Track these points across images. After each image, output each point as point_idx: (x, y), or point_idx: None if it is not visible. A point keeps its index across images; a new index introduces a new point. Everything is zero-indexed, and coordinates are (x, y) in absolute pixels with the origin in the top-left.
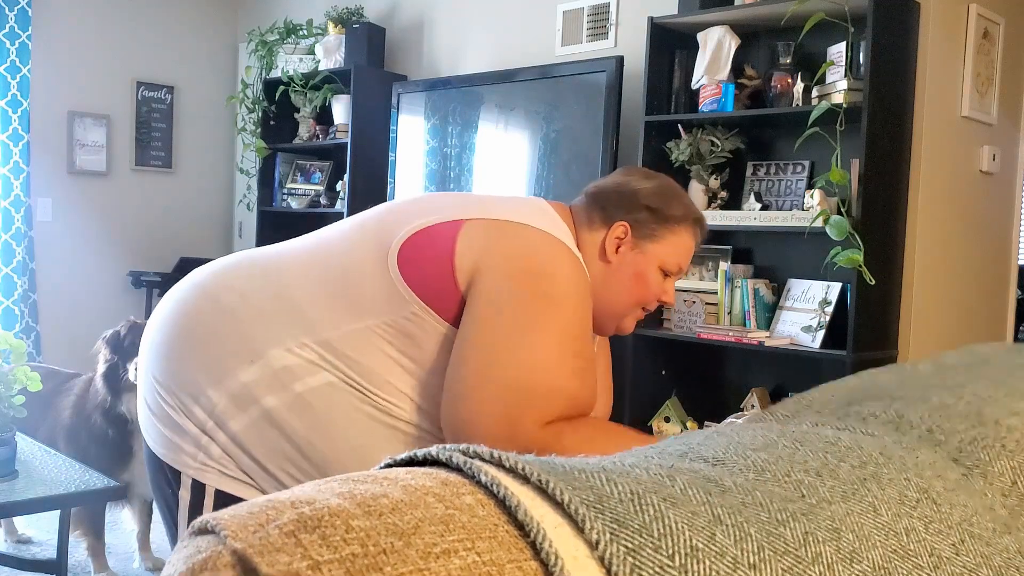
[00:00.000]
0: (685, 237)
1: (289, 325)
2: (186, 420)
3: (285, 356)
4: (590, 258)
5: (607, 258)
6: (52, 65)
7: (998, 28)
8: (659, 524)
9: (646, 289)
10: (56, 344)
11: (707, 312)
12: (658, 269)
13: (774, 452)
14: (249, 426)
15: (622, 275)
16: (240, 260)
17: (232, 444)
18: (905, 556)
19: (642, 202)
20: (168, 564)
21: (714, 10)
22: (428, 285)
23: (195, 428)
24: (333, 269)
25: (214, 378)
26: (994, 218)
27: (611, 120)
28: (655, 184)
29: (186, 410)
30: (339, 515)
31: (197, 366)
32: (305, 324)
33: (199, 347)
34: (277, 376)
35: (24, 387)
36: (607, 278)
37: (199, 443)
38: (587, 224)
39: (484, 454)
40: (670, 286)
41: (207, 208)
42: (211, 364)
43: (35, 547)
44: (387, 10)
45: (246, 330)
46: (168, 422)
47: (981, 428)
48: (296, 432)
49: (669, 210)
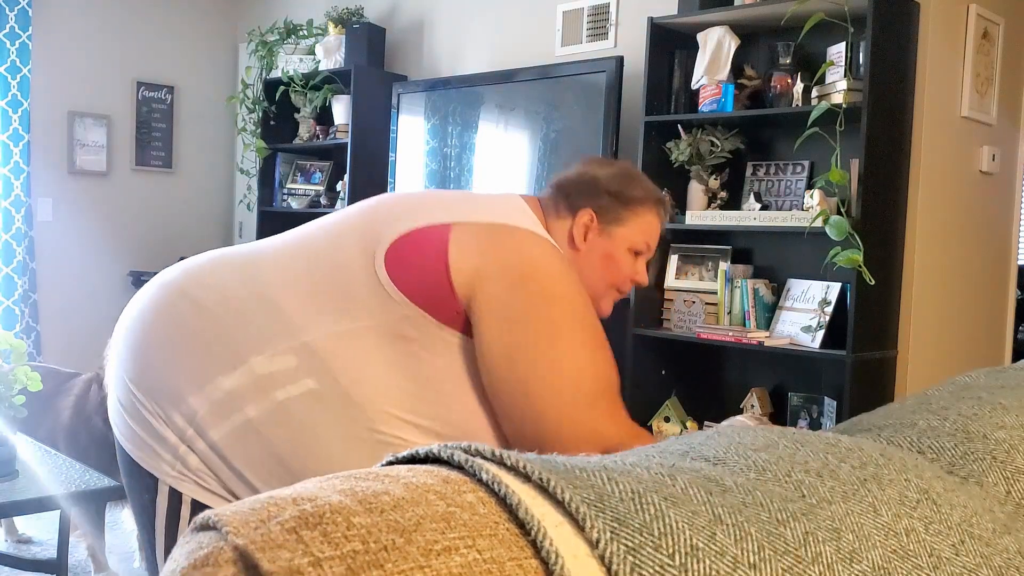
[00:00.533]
0: (649, 217)
1: (272, 329)
2: (165, 427)
3: (267, 363)
4: (560, 247)
5: (576, 246)
6: (52, 65)
7: (998, 28)
8: (659, 523)
9: (618, 271)
10: (56, 344)
11: (707, 312)
12: (627, 251)
13: (775, 452)
14: (229, 435)
15: (593, 260)
16: (213, 258)
17: (212, 453)
18: (905, 556)
19: (604, 188)
20: (170, 559)
21: (714, 10)
22: (422, 290)
23: (174, 436)
24: (317, 269)
25: (195, 384)
26: (994, 218)
27: (611, 120)
28: (615, 170)
29: (165, 416)
30: (340, 512)
31: (178, 371)
32: (289, 328)
33: (180, 351)
34: (258, 384)
35: (24, 387)
36: (578, 264)
37: (176, 452)
38: (555, 214)
39: (485, 452)
40: (641, 267)
41: (207, 208)
42: (193, 370)
43: (35, 547)
44: (387, 10)
45: (228, 333)
46: (145, 426)
47: (970, 444)
48: (277, 442)
49: (630, 193)
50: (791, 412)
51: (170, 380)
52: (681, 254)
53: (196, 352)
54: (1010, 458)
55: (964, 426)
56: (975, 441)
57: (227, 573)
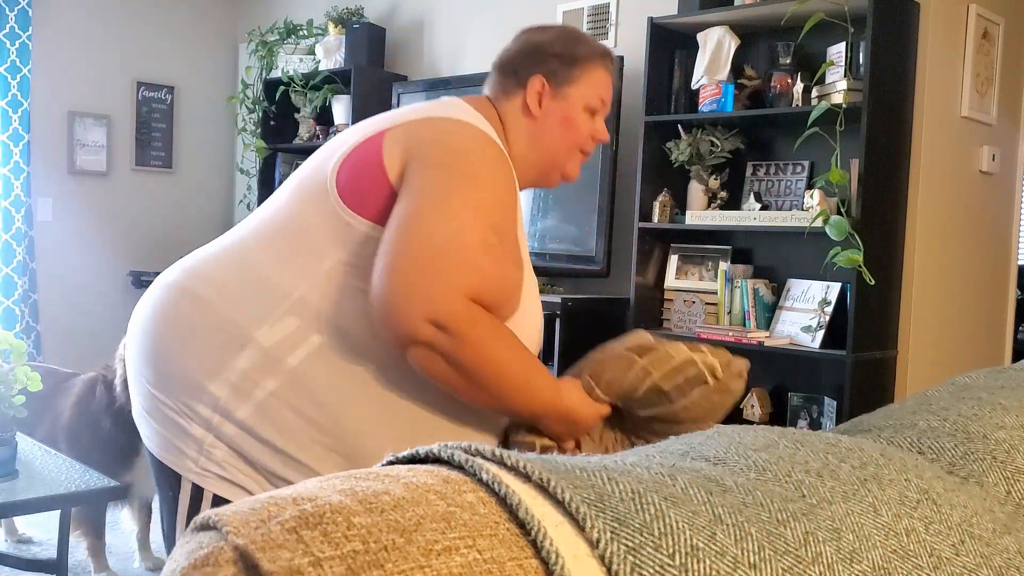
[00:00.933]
0: (600, 73)
1: (266, 300)
2: (189, 422)
3: (271, 333)
4: (515, 122)
5: (532, 114)
6: (52, 65)
7: (998, 28)
8: (660, 523)
9: (578, 132)
10: (56, 344)
11: (707, 312)
12: (583, 110)
13: (775, 452)
14: (256, 411)
15: (551, 125)
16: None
17: (242, 433)
18: (905, 556)
19: (549, 52)
20: (170, 559)
21: (714, 10)
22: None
23: (200, 430)
24: (283, 226)
25: (212, 373)
26: (994, 218)
27: (611, 120)
28: (556, 32)
29: (189, 410)
30: (341, 512)
31: (192, 365)
32: (278, 292)
33: (190, 346)
34: (269, 355)
35: (24, 387)
36: (537, 132)
37: (202, 446)
38: (505, 95)
39: (485, 452)
40: (600, 124)
41: (207, 208)
42: (206, 360)
43: (35, 547)
44: (387, 10)
45: (230, 318)
46: (171, 425)
47: (970, 444)
48: (303, 407)
49: (576, 51)
50: (791, 412)
51: (187, 375)
52: (681, 254)
53: (206, 343)
54: (1010, 458)
55: (964, 426)
56: (975, 441)
57: (227, 573)
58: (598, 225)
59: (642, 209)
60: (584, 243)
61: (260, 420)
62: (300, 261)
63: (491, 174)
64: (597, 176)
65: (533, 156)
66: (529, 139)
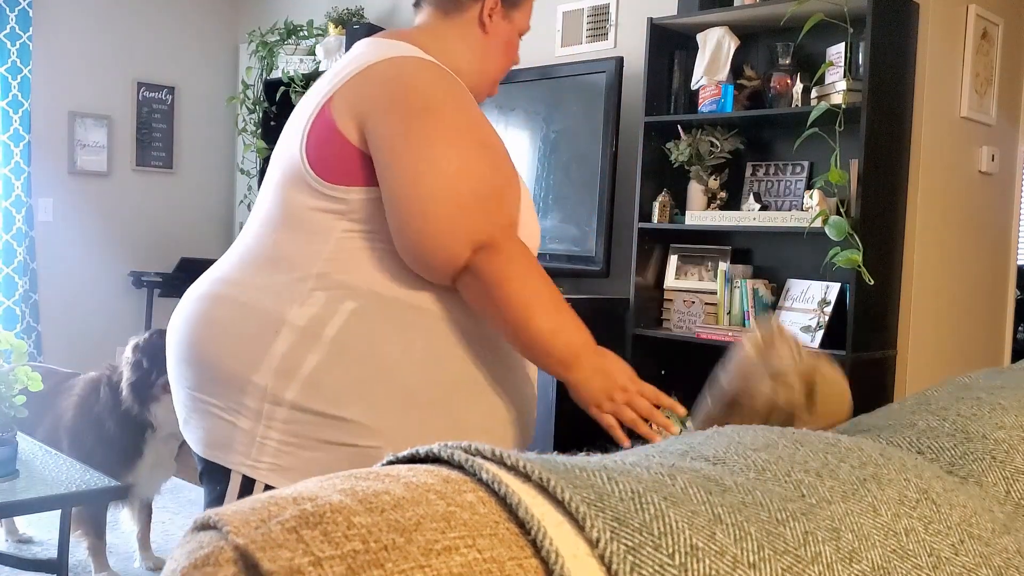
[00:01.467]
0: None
1: (288, 283)
2: (239, 417)
3: (302, 312)
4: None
5: (486, 29)
6: (53, 66)
7: (997, 29)
8: (659, 523)
9: (511, 55)
10: (57, 344)
11: (706, 312)
12: (518, 35)
13: (774, 452)
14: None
15: (497, 43)
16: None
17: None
18: (904, 556)
19: None
20: (170, 559)
21: (713, 11)
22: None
23: (249, 422)
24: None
25: (253, 364)
26: (993, 218)
27: (611, 121)
28: None
29: (237, 405)
30: (341, 511)
31: (233, 361)
32: (298, 274)
33: (225, 345)
34: (305, 333)
35: (25, 387)
36: (486, 48)
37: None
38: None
39: (485, 451)
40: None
41: (208, 208)
42: (243, 354)
43: (36, 547)
44: (387, 11)
45: (258, 307)
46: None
47: (969, 444)
48: (353, 373)
49: None
50: None
51: (229, 372)
52: (681, 254)
53: (240, 337)
54: (1009, 458)
55: (963, 426)
56: (974, 441)
57: (227, 573)
58: (598, 225)
59: (642, 209)
60: (584, 243)
61: (310, 395)
62: (308, 243)
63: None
64: (597, 176)
65: (476, 70)
66: (481, 52)
